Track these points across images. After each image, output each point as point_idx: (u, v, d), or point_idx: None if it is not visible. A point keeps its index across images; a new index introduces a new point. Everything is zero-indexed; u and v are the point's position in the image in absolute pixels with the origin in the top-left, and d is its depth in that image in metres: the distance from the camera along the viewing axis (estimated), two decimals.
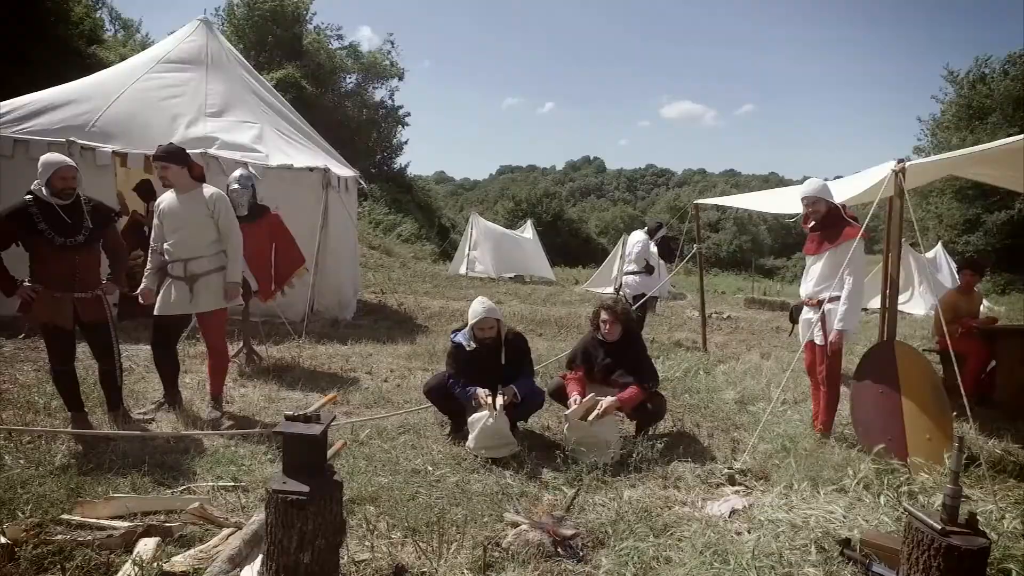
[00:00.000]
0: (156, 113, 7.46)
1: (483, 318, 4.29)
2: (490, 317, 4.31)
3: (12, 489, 3.23)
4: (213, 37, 8.65)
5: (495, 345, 4.38)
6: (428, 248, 25.93)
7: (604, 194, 78.07)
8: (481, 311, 4.30)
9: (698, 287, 8.89)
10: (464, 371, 4.42)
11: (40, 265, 3.82)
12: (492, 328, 4.34)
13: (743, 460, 4.18)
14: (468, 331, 4.38)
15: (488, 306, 4.35)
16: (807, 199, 4.49)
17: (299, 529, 2.25)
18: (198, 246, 4.32)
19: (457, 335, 4.50)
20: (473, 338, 4.36)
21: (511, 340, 4.46)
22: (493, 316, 4.32)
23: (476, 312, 4.31)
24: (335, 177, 8.22)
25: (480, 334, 4.33)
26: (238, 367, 5.89)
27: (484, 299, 4.42)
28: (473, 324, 4.31)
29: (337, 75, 27.99)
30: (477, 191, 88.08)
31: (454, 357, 4.47)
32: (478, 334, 4.33)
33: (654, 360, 7.02)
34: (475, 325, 4.30)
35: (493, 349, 4.37)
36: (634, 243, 8.94)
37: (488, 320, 4.31)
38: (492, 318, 4.32)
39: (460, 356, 4.42)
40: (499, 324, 4.39)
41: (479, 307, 4.34)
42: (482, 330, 4.31)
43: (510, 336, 4.47)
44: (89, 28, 18.59)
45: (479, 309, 4.32)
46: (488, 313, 4.30)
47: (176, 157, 4.30)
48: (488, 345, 4.36)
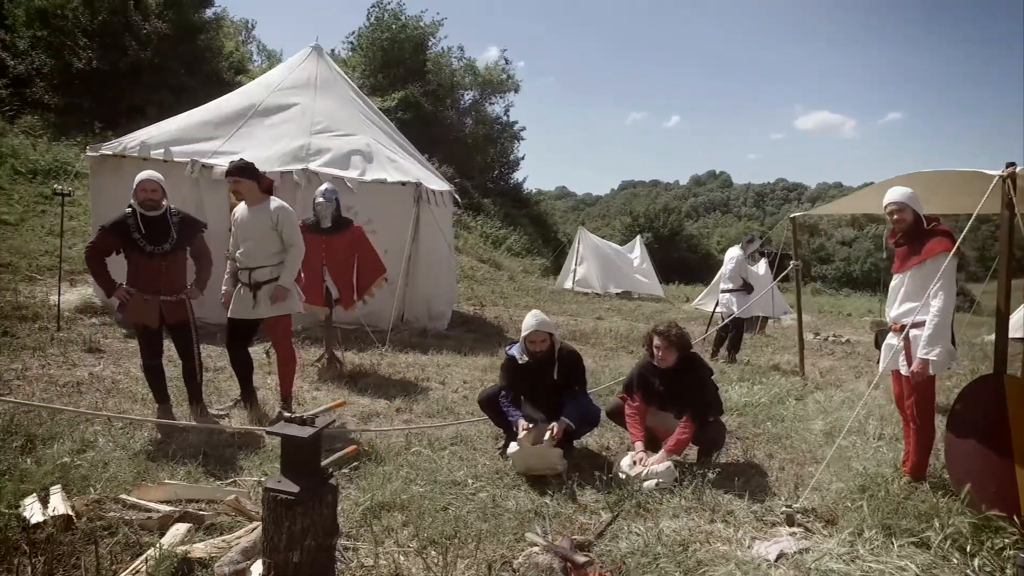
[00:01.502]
0: (267, 132, 8.13)
1: (534, 331, 4.24)
2: (541, 330, 4.26)
3: (95, 467, 3.62)
4: (323, 62, 9.32)
5: (548, 359, 4.31)
6: (538, 262, 26.11)
7: (730, 209, 74.71)
8: (532, 324, 4.26)
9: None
10: (516, 384, 4.40)
11: (133, 270, 4.28)
12: (544, 342, 4.28)
13: (807, 498, 3.78)
14: (520, 344, 4.35)
15: (540, 319, 4.30)
16: (892, 206, 3.97)
17: (288, 528, 2.32)
18: (262, 256, 4.62)
19: (512, 347, 4.48)
20: (525, 351, 4.32)
21: (564, 356, 4.37)
22: (544, 329, 4.27)
23: (528, 325, 4.27)
24: (427, 191, 8.51)
25: (531, 347, 4.28)
26: (319, 371, 6.23)
27: (537, 312, 4.37)
28: (524, 337, 4.27)
29: (456, 92, 29.09)
30: (598, 206, 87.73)
31: (507, 369, 4.46)
32: (529, 347, 4.29)
33: (741, 384, 6.67)
34: (526, 338, 4.26)
35: (545, 364, 4.30)
36: (729, 260, 8.46)
37: (539, 333, 4.25)
38: (543, 331, 4.26)
39: (513, 369, 4.40)
40: (551, 338, 4.31)
41: (531, 320, 4.30)
42: (533, 343, 4.27)
43: (564, 352, 4.38)
44: (237, 60, 20.76)
45: (531, 322, 4.28)
46: (539, 326, 4.25)
47: (246, 172, 4.62)
48: (541, 359, 4.30)
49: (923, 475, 4.06)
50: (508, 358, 4.46)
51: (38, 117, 16.95)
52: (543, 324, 4.28)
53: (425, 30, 27.82)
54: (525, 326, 4.28)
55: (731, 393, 6.23)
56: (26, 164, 14.31)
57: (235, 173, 4.62)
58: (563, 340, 4.53)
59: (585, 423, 4.38)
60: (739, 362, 8.22)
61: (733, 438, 5.06)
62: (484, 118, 30.84)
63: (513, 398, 4.38)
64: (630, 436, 4.35)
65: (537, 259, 26.61)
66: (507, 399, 4.37)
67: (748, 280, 8.27)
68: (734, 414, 5.66)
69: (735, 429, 5.26)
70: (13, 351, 5.90)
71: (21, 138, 15.50)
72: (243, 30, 26.35)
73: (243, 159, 4.89)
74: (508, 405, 4.34)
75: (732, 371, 7.42)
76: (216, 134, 7.94)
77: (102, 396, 4.91)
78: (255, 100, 8.61)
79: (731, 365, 7.96)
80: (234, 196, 4.78)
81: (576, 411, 4.25)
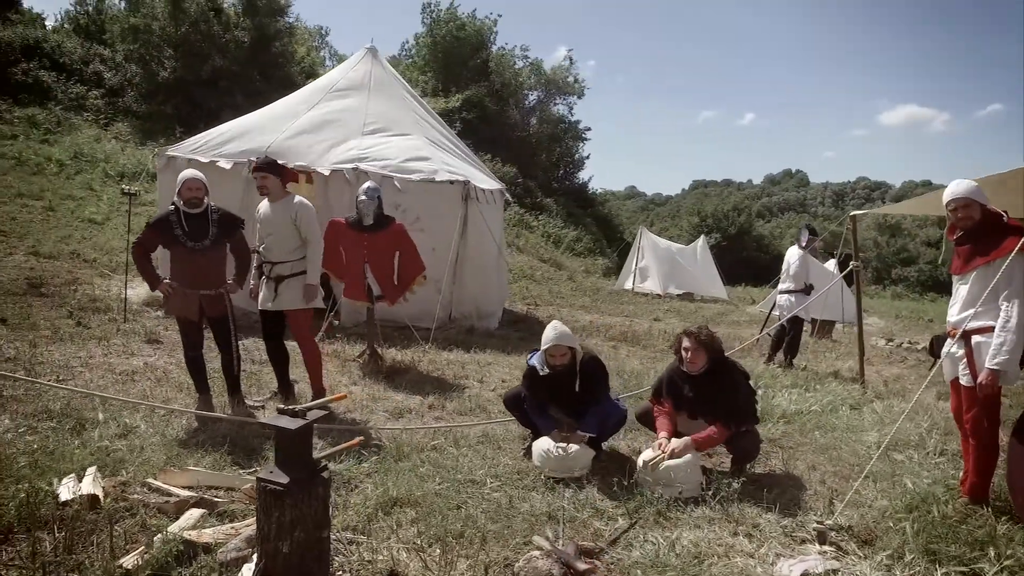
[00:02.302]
0: (320, 133, 8.38)
1: (553, 345, 4.06)
2: (561, 345, 4.06)
3: (131, 451, 3.82)
4: (377, 63, 9.52)
5: (570, 371, 4.14)
6: (600, 262, 25.81)
7: (806, 209, 71.41)
8: (552, 337, 4.07)
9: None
10: (538, 394, 4.27)
11: (175, 265, 4.48)
12: (564, 356, 4.10)
13: (846, 514, 3.52)
14: (541, 355, 4.19)
15: (560, 332, 4.09)
16: (956, 202, 3.61)
17: (277, 519, 2.34)
18: (283, 250, 4.74)
19: (533, 357, 4.33)
20: (546, 364, 4.15)
21: (586, 365, 4.19)
22: (565, 344, 4.07)
23: (548, 338, 4.08)
24: (475, 189, 8.53)
25: (551, 360, 4.10)
26: (360, 366, 6.35)
27: (558, 324, 4.18)
28: (544, 350, 4.10)
29: (520, 92, 29.16)
30: (668, 206, 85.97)
31: (528, 379, 4.30)
32: (549, 360, 4.11)
33: (792, 391, 6.31)
34: (546, 351, 4.09)
35: (567, 375, 4.14)
36: (791, 259, 8.05)
37: (559, 347, 4.07)
38: (564, 346, 4.07)
39: (534, 379, 4.25)
40: (572, 351, 4.13)
41: (550, 333, 4.11)
42: (553, 356, 4.09)
43: (586, 362, 4.20)
44: (308, 65, 21.58)
45: (550, 335, 4.09)
46: (559, 340, 4.06)
47: (273, 167, 4.76)
48: (562, 371, 4.13)
49: (983, 497, 3.70)
50: (529, 368, 4.31)
51: (127, 124, 18.19)
52: (563, 337, 4.08)
53: (482, 26, 27.99)
54: (545, 339, 4.10)
55: (780, 400, 5.91)
56: (115, 167, 15.40)
57: (264, 168, 4.75)
58: (586, 348, 4.35)
59: (607, 428, 4.26)
60: (796, 367, 7.80)
61: (776, 447, 4.81)
62: (548, 117, 30.79)
63: (537, 404, 4.28)
64: (658, 431, 4.16)
65: (599, 259, 26.29)
66: (528, 403, 4.28)
67: (808, 281, 7.83)
68: (780, 422, 5.37)
69: (779, 438, 4.99)
70: (83, 340, 6.32)
71: (112, 143, 16.69)
72: (316, 36, 27.35)
73: (268, 155, 5.04)
74: (531, 405, 4.25)
75: (785, 376, 7.04)
76: (271, 135, 8.24)
77: (152, 385, 5.18)
78: (311, 101, 8.89)
79: (787, 370, 7.58)
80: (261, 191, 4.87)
81: (596, 420, 4.12)
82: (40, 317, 6.96)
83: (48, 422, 4.22)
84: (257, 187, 4.89)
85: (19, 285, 8.36)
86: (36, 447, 3.71)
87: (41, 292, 8.12)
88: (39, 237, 11.00)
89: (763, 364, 7.86)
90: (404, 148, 8.62)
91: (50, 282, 8.59)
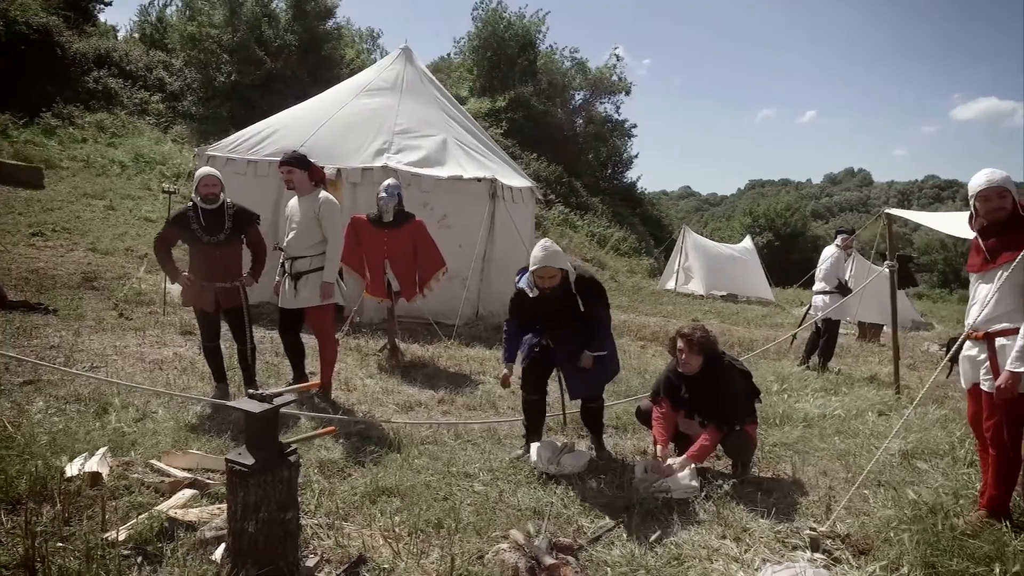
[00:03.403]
0: (351, 133, 8.58)
1: (542, 267, 3.75)
2: (550, 266, 3.75)
3: (146, 434, 4.01)
4: (410, 64, 9.67)
5: (563, 291, 3.87)
6: (645, 262, 25.46)
7: (868, 209, 68.44)
8: (540, 258, 3.74)
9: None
10: (527, 319, 4.07)
11: (193, 258, 4.68)
12: (554, 278, 3.80)
13: (847, 522, 3.37)
14: (529, 277, 3.90)
15: (548, 252, 3.75)
16: (991, 190, 3.30)
17: (243, 498, 2.42)
18: (303, 246, 4.83)
19: (520, 278, 4.04)
20: (535, 285, 3.87)
21: (583, 286, 3.90)
22: (555, 265, 3.76)
23: (536, 259, 3.76)
24: (502, 187, 8.56)
25: (540, 283, 3.82)
26: (379, 361, 6.47)
27: (548, 243, 3.85)
28: (532, 271, 3.81)
29: (567, 91, 29.05)
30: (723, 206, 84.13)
31: (516, 303, 4.06)
32: (538, 283, 3.83)
33: (818, 394, 6.09)
34: (534, 272, 3.80)
35: (560, 296, 3.88)
36: (824, 258, 7.77)
37: (548, 269, 3.76)
38: (553, 267, 3.76)
39: (523, 303, 4.00)
40: (563, 273, 3.84)
41: (539, 252, 3.76)
42: (541, 279, 3.80)
43: (583, 282, 3.91)
44: (357, 67, 22.08)
45: (538, 255, 3.75)
46: (548, 262, 3.74)
47: (299, 162, 4.83)
48: (554, 293, 3.86)
49: (1003, 510, 3.47)
50: (517, 292, 4.03)
51: (185, 126, 19.05)
52: (552, 258, 3.75)
53: (529, 26, 28.00)
54: (533, 260, 3.78)
55: (804, 403, 5.71)
56: (172, 168, 16.17)
57: (289, 163, 4.86)
58: (580, 268, 4.06)
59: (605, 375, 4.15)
60: (830, 370, 7.51)
61: (789, 451, 4.64)
62: (595, 117, 30.56)
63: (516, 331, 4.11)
64: (654, 439, 4.09)
65: (644, 259, 25.93)
66: (511, 333, 4.12)
67: (842, 280, 7.53)
68: (800, 425, 5.18)
69: (794, 442, 4.81)
70: (122, 331, 6.67)
71: (170, 145, 17.52)
72: (367, 39, 28.01)
73: (296, 151, 5.16)
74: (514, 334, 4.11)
75: (815, 379, 6.79)
76: (304, 134, 8.48)
77: (177, 373, 5.42)
78: (343, 101, 9.11)
79: (820, 373, 7.30)
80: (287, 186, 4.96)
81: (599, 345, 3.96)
82: (88, 308, 7.38)
83: (76, 405, 4.47)
84: (283, 181, 4.99)
85: (75, 279, 8.89)
86: (60, 427, 3.94)
87: (93, 285, 8.60)
88: (98, 234, 11.66)
89: (797, 367, 7.61)
90: (433, 147, 8.73)
91: (102, 276, 9.10)
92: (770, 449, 4.60)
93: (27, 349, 5.69)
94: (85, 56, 19.60)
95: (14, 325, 6.42)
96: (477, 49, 27.78)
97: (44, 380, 4.93)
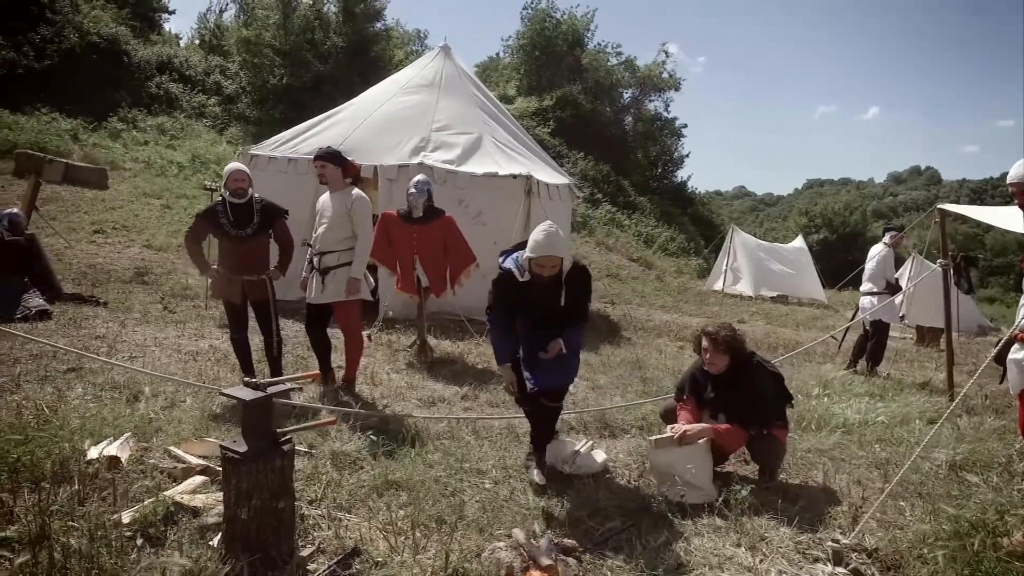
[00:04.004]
0: (389, 130, 8.66)
1: (545, 256, 3.40)
2: (554, 256, 3.42)
3: (172, 422, 4.12)
4: (449, 62, 9.69)
5: (554, 280, 3.55)
6: (694, 263, 24.88)
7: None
8: (544, 246, 3.37)
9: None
10: (512, 305, 3.64)
11: (221, 252, 4.79)
12: (555, 267, 3.49)
13: (878, 536, 3.16)
14: (524, 261, 3.53)
15: (552, 241, 3.39)
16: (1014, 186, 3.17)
17: (235, 485, 2.44)
18: (332, 241, 4.87)
19: (506, 259, 3.68)
20: (528, 271, 3.53)
21: (575, 275, 3.58)
22: (557, 255, 3.43)
23: (538, 245, 3.39)
24: (537, 183, 8.48)
25: (539, 271, 3.48)
26: (408, 356, 6.49)
27: (550, 227, 3.47)
28: (531, 259, 3.45)
29: (615, 90, 28.70)
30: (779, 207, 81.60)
31: (501, 287, 3.65)
32: (536, 270, 3.49)
33: (862, 399, 5.77)
34: (534, 260, 3.44)
35: (551, 285, 3.56)
36: (871, 257, 7.39)
37: (551, 259, 3.43)
38: (556, 256, 3.43)
39: (509, 286, 3.61)
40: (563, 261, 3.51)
41: (541, 239, 3.39)
42: (542, 267, 3.46)
43: (579, 267, 3.61)
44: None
45: (541, 242, 3.38)
46: (552, 251, 3.40)
47: (333, 158, 4.89)
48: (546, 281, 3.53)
49: None
50: (503, 273, 3.63)
51: (239, 128, 19.72)
52: (555, 246, 3.40)
53: (578, 24, 27.78)
54: (534, 246, 3.40)
55: (845, 408, 5.41)
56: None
57: (323, 158, 4.91)
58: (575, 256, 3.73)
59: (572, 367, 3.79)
60: (879, 375, 7.12)
61: (824, 457, 4.40)
62: (644, 115, 30.09)
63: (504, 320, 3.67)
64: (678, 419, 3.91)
65: (693, 259, 25.34)
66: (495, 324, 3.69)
67: (890, 280, 7.13)
68: (837, 431, 4.92)
69: (829, 448, 4.57)
70: (164, 323, 6.92)
71: (225, 146, 18.15)
72: (415, 40, 28.36)
73: (330, 146, 5.22)
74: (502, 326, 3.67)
75: (860, 384, 6.44)
76: (343, 132, 8.61)
77: (211, 364, 5.56)
78: (382, 99, 9.21)
79: (868, 378, 6.94)
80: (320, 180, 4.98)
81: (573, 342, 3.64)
82: (136, 302, 7.69)
83: (111, 392, 4.65)
84: (317, 175, 5.02)
85: (128, 274, 9.30)
86: (92, 413, 4.10)
87: (144, 280, 8.98)
88: (154, 231, 12.18)
89: (844, 370, 7.24)
90: (469, 144, 8.72)
91: (153, 271, 9.48)
92: (802, 455, 4.37)
93: (75, 339, 5.97)
94: (149, 63, 20.54)
95: (67, 316, 6.75)
96: (525, 48, 27.76)
97: (86, 368, 5.14)
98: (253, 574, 2.40)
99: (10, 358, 5.27)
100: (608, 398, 5.71)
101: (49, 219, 10.86)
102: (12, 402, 4.20)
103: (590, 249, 19.75)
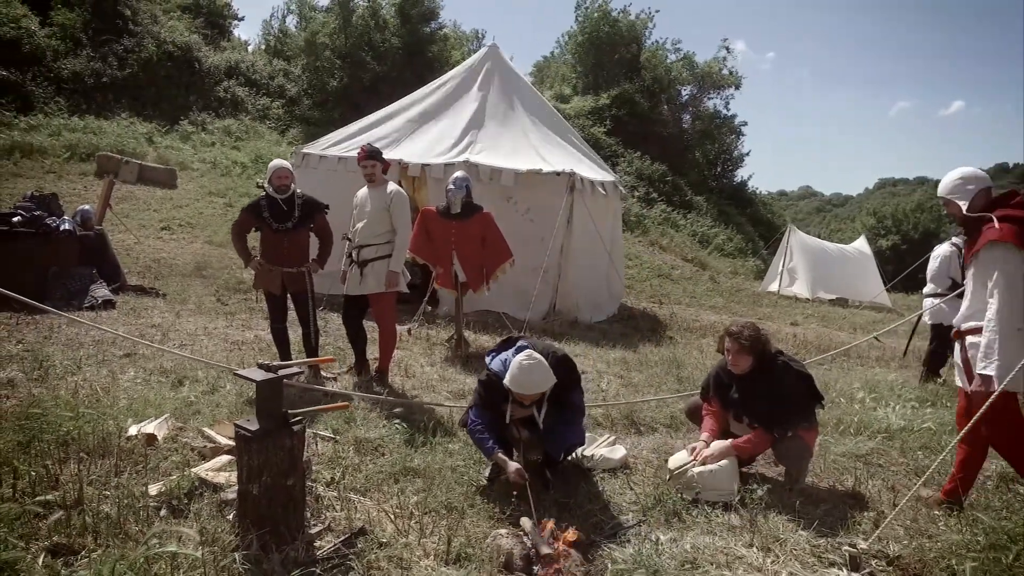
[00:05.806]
0: (436, 129, 8.83)
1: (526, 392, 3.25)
2: (536, 393, 3.27)
3: (210, 406, 4.35)
4: (498, 60, 9.78)
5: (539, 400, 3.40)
6: (751, 264, 24.19)
7: None
8: (522, 382, 3.21)
9: None
10: (497, 407, 3.46)
11: (263, 245, 5.00)
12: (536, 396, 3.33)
13: (902, 542, 3.02)
14: (507, 362, 3.36)
15: (532, 378, 3.20)
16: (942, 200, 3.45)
17: (247, 462, 2.56)
18: (371, 235, 5.03)
19: (494, 359, 3.54)
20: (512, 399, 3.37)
21: (556, 367, 3.36)
22: (537, 391, 3.26)
23: (516, 382, 3.22)
24: (581, 180, 8.45)
25: (519, 398, 3.33)
26: (446, 350, 6.60)
27: (529, 357, 3.24)
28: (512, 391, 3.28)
29: (673, 88, 28.20)
30: (848, 207, 78.21)
31: (487, 391, 3.48)
32: (516, 397, 3.35)
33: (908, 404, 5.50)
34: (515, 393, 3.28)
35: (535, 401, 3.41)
36: (934, 256, 6.99)
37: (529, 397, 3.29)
38: (539, 392, 3.29)
39: (496, 392, 3.41)
40: None
41: (518, 373, 3.20)
42: (522, 397, 3.31)
43: (555, 360, 3.41)
44: None
45: (518, 377, 3.20)
46: (533, 388, 3.24)
47: (378, 155, 5.13)
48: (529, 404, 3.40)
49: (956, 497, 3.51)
50: (490, 376, 3.48)
51: (300, 130, 20.44)
52: (536, 383, 3.22)
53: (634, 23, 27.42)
54: (511, 380, 3.23)
55: (887, 413, 5.17)
56: None
57: (373, 157, 5.13)
58: (552, 349, 3.59)
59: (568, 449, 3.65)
60: (935, 381, 6.74)
61: (859, 463, 4.22)
62: (702, 113, 29.44)
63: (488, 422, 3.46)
64: (701, 431, 3.86)
65: (750, 260, 24.64)
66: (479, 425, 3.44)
67: (957, 280, 6.72)
68: (878, 436, 4.71)
69: (866, 454, 4.37)
70: (215, 314, 7.27)
71: (285, 147, 18.84)
72: (472, 40, 28.68)
73: (372, 144, 5.45)
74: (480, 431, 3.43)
75: (909, 389, 6.12)
76: (391, 131, 8.83)
77: (254, 353, 5.81)
78: (431, 98, 9.40)
79: (923, 383, 6.59)
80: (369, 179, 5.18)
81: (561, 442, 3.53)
82: (192, 293, 8.11)
83: (159, 376, 4.94)
84: (365, 175, 5.21)
85: (188, 268, 9.81)
86: (140, 394, 4.37)
87: (202, 274, 9.45)
88: (216, 228, 12.79)
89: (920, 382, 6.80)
90: (515, 141, 8.78)
91: (212, 266, 9.96)
92: (835, 458, 4.21)
93: (133, 327, 6.36)
94: (218, 68, 21.57)
95: (128, 306, 7.20)
96: (580, 47, 27.63)
97: (140, 354, 5.47)
98: (262, 547, 2.51)
99: (76, 343, 5.68)
100: (640, 395, 5.64)
101: (122, 216, 11.58)
102: (72, 382, 4.54)
103: (643, 248, 19.49)
